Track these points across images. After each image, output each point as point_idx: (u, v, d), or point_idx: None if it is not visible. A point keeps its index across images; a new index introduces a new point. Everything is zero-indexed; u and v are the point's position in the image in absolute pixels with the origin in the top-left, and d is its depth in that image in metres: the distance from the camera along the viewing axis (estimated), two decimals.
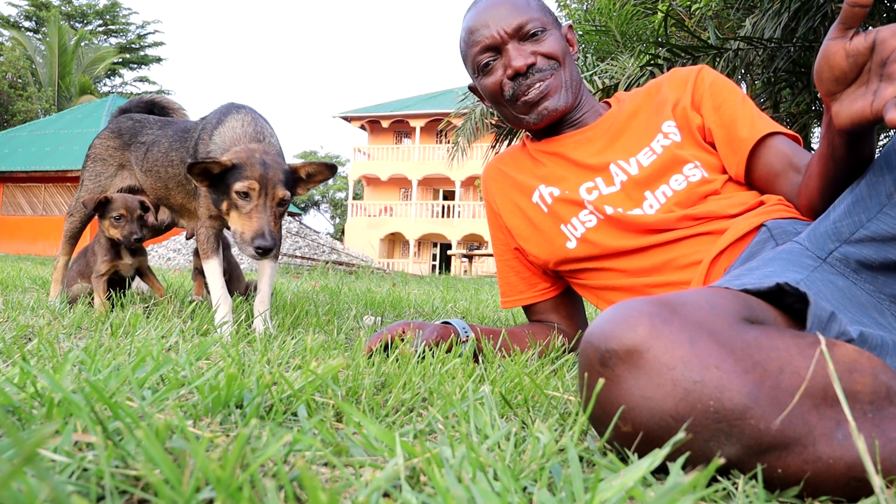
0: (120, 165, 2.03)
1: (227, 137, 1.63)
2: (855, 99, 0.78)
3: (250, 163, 1.49)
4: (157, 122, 1.99)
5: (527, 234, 1.39)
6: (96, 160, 2.04)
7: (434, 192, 25.86)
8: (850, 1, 0.73)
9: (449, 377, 0.96)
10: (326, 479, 0.55)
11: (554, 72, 1.28)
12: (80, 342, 1.18)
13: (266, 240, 1.46)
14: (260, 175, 1.49)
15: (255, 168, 1.49)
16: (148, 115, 2.08)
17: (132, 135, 1.99)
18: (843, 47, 0.77)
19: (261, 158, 1.51)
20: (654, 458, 0.51)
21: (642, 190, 1.22)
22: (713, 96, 1.24)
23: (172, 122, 1.97)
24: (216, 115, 1.71)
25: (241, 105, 1.75)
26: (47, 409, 0.59)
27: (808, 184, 1.03)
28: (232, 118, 1.67)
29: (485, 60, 1.30)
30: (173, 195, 1.86)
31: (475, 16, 1.31)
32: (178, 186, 1.82)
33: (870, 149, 0.86)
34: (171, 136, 1.85)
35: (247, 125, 1.65)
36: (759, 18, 4.15)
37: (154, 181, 1.90)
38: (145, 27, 31.71)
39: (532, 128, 1.36)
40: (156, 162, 1.87)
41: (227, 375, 0.70)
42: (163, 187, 1.88)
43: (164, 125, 1.95)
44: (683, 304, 0.63)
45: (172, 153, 1.81)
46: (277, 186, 1.51)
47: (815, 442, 0.55)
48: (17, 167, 15.94)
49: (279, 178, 1.52)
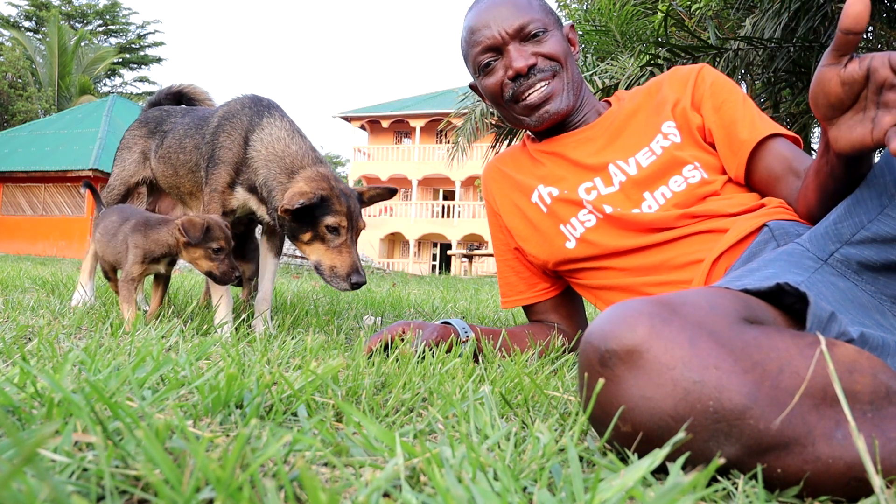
0: (143, 153, 2.00)
1: (278, 148, 1.57)
2: (853, 126, 0.78)
3: (335, 194, 1.48)
4: (181, 112, 1.96)
5: (526, 234, 1.39)
6: (123, 149, 2.02)
7: (434, 192, 25.87)
8: (842, 28, 0.72)
9: (449, 377, 0.97)
10: (326, 479, 0.55)
11: (555, 73, 1.28)
12: (80, 342, 1.18)
13: (361, 276, 1.48)
14: (347, 209, 1.49)
15: (342, 201, 1.48)
16: (176, 106, 2.05)
17: (157, 123, 1.97)
18: (838, 74, 0.76)
19: (340, 189, 1.50)
20: (654, 459, 0.51)
21: (641, 191, 1.22)
22: (713, 96, 1.24)
23: (193, 111, 1.93)
24: (247, 113, 1.63)
25: (270, 103, 1.68)
26: (47, 409, 0.59)
27: (807, 195, 1.03)
28: (270, 124, 1.61)
29: (486, 60, 1.30)
30: (183, 182, 1.83)
31: (476, 15, 1.31)
32: (188, 173, 1.79)
33: (868, 166, 0.86)
34: (188, 123, 1.82)
35: (293, 135, 1.61)
36: (759, 18, 4.15)
37: (166, 168, 1.86)
38: (145, 27, 31.71)
39: (533, 129, 1.36)
40: (169, 148, 1.84)
41: (227, 375, 0.70)
42: (173, 174, 1.84)
43: (186, 113, 1.92)
44: (683, 304, 0.63)
45: (186, 140, 1.78)
46: (360, 219, 1.53)
47: (814, 442, 0.55)
48: (17, 167, 15.93)
49: (359, 209, 1.54)
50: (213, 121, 1.69)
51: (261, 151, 1.58)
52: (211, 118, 1.71)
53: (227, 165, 1.62)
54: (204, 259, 1.53)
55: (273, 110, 1.65)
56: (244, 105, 1.67)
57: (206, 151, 1.67)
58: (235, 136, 1.61)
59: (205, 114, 1.80)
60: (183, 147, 1.79)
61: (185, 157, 1.78)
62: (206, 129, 1.70)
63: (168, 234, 1.57)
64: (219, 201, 1.64)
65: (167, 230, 1.57)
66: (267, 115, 1.63)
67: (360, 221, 1.53)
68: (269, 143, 1.58)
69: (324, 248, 1.49)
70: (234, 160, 1.61)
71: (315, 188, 1.46)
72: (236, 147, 1.61)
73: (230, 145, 1.61)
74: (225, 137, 1.62)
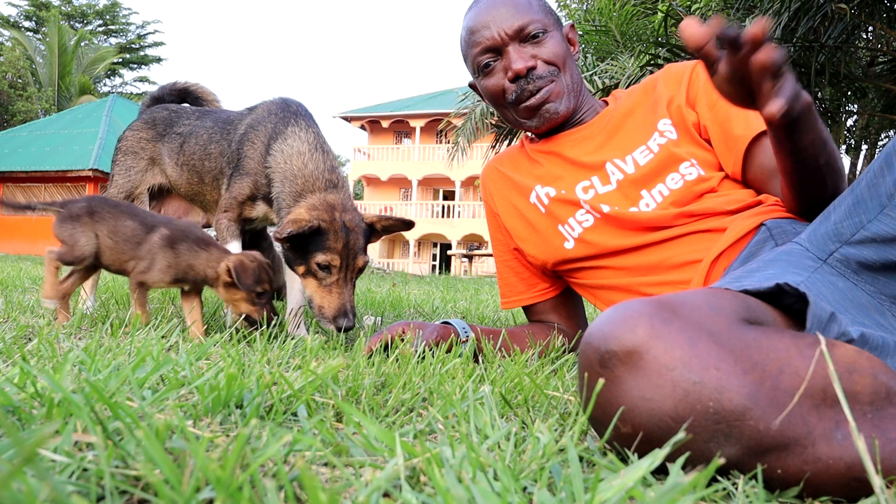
0: (151, 160, 1.88)
1: (294, 165, 1.51)
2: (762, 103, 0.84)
3: (333, 229, 1.40)
4: (195, 113, 1.86)
5: (525, 234, 1.39)
6: (128, 153, 1.89)
7: (434, 192, 25.86)
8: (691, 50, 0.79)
9: (449, 377, 0.96)
10: (326, 479, 0.55)
11: (554, 78, 1.28)
12: (80, 342, 1.18)
13: (349, 319, 1.39)
14: (342, 246, 1.40)
15: (339, 237, 1.40)
16: (183, 105, 1.96)
17: (167, 125, 1.86)
18: (723, 79, 0.82)
19: (342, 222, 1.42)
20: (653, 459, 0.51)
21: (639, 189, 1.22)
22: (708, 93, 1.23)
23: (211, 112, 1.83)
24: (272, 120, 1.58)
25: (298, 109, 1.62)
26: (47, 409, 0.59)
27: (782, 186, 1.06)
28: (294, 133, 1.55)
29: (485, 61, 1.30)
30: (209, 191, 1.74)
31: (476, 15, 1.31)
32: (214, 181, 1.71)
33: (808, 137, 0.91)
34: (211, 127, 1.73)
35: (314, 150, 1.53)
36: (759, 18, 4.15)
37: (190, 175, 1.77)
38: (145, 27, 31.73)
39: (534, 131, 1.36)
40: (193, 155, 1.75)
41: (227, 375, 0.70)
42: (198, 182, 1.75)
43: (203, 115, 1.82)
44: (683, 304, 0.63)
45: (212, 146, 1.70)
46: (358, 256, 1.43)
47: (814, 442, 0.55)
48: (17, 167, 15.93)
49: (360, 245, 1.44)
50: (240, 128, 1.64)
51: (280, 164, 1.53)
52: (238, 124, 1.65)
53: (250, 177, 1.57)
54: (245, 302, 1.39)
55: (300, 118, 1.60)
56: (271, 112, 1.62)
57: (231, 159, 1.62)
58: (258, 144, 1.57)
59: (230, 117, 1.73)
60: (208, 154, 1.71)
61: (210, 164, 1.71)
62: (233, 136, 1.65)
63: (207, 264, 1.41)
64: (238, 210, 1.60)
65: (206, 259, 1.41)
66: (293, 124, 1.57)
67: (359, 259, 1.43)
68: (289, 156, 1.53)
69: (315, 284, 1.42)
70: (256, 170, 1.56)
71: (313, 217, 1.39)
72: (258, 157, 1.56)
73: (253, 155, 1.57)
74: (249, 147, 1.58)
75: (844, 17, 3.85)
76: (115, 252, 1.46)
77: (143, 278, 1.42)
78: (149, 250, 1.42)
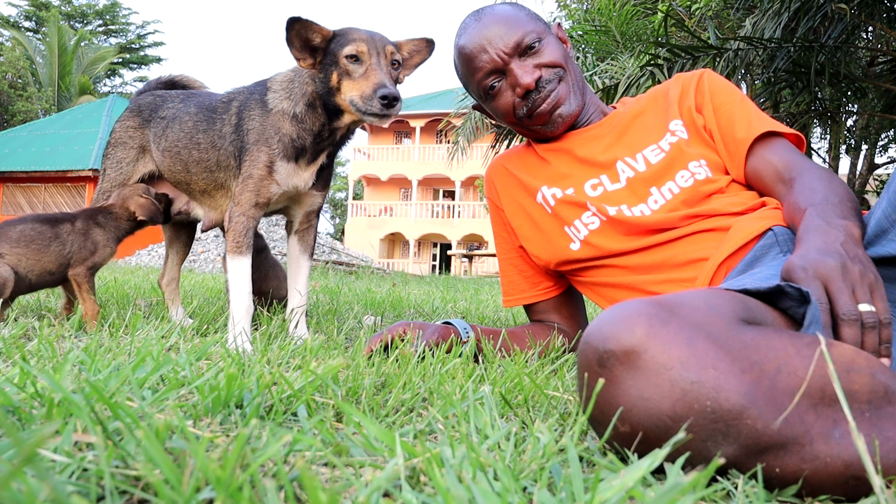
0: (141, 148, 1.84)
1: (285, 76, 1.55)
2: None
3: (353, 29, 1.44)
4: (179, 96, 1.83)
5: (529, 234, 1.38)
6: (116, 145, 1.85)
7: (434, 192, 25.87)
8: None
9: (449, 377, 0.97)
10: (326, 479, 0.55)
11: (560, 79, 1.28)
12: (80, 342, 1.18)
13: (389, 88, 1.35)
14: (367, 37, 1.42)
15: (361, 32, 1.44)
16: (170, 90, 1.92)
17: (151, 110, 1.82)
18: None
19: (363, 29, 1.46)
20: (653, 459, 0.51)
21: (648, 186, 1.22)
22: (713, 99, 1.25)
23: (195, 96, 1.80)
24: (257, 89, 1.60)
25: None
26: (47, 409, 0.59)
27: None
28: (277, 75, 1.59)
29: (490, 84, 1.29)
30: (196, 180, 1.70)
31: (469, 41, 1.29)
32: (204, 172, 1.67)
33: None
34: (195, 114, 1.70)
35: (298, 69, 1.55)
36: (759, 18, 4.15)
37: (173, 163, 1.72)
38: (145, 27, 31.71)
39: (549, 136, 1.36)
40: (177, 141, 1.71)
41: (227, 375, 0.70)
42: (183, 170, 1.71)
43: (186, 98, 1.79)
44: (682, 304, 0.64)
45: (199, 135, 1.66)
46: (387, 45, 1.44)
47: (812, 441, 0.55)
48: (17, 167, 15.93)
49: (384, 38, 1.46)
50: (231, 118, 1.61)
51: (277, 81, 1.55)
52: (225, 114, 1.63)
53: (259, 143, 1.52)
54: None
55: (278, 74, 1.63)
56: (248, 88, 1.65)
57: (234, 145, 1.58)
58: (255, 108, 1.56)
59: (212, 104, 1.69)
60: (196, 143, 1.67)
61: (199, 154, 1.67)
62: (225, 126, 1.61)
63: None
64: (254, 189, 1.51)
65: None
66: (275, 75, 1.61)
67: (388, 46, 1.44)
68: (282, 75, 1.56)
69: (350, 83, 1.42)
70: (264, 129, 1.53)
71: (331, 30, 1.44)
72: (259, 111, 1.54)
73: (255, 116, 1.55)
74: (248, 118, 1.56)
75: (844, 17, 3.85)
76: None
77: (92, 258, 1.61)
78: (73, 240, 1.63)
